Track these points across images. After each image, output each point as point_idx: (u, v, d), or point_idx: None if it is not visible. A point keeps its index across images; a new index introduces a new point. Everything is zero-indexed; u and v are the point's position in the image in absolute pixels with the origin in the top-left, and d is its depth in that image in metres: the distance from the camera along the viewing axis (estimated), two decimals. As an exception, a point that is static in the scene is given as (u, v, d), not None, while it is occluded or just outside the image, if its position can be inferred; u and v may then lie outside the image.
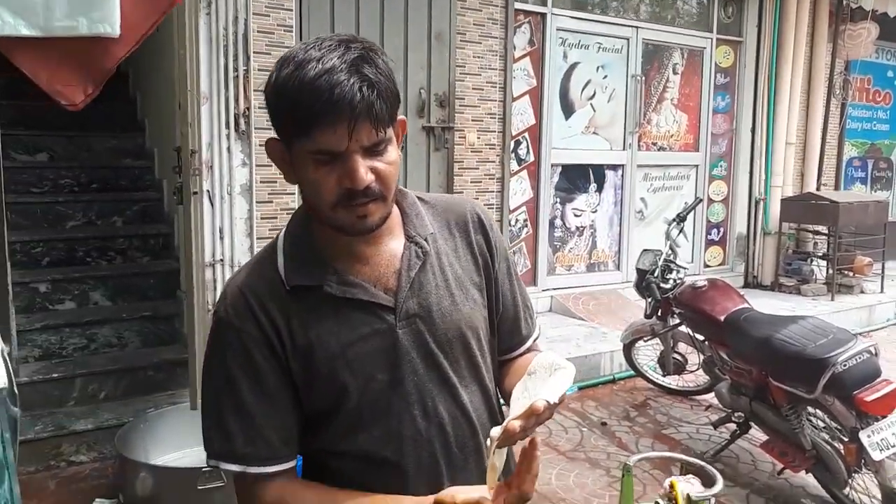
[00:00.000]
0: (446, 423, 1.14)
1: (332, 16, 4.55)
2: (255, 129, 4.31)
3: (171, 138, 4.02)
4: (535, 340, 1.34)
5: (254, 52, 4.28)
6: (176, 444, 3.39)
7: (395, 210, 1.16)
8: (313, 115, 0.98)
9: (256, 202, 4.34)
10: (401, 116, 1.09)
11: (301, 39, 4.41)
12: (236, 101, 4.25)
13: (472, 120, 5.24)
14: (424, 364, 1.13)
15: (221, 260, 4.25)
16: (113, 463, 3.35)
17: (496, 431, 0.98)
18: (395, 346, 1.11)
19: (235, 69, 4.22)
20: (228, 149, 4.25)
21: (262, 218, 4.37)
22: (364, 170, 1.01)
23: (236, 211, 4.29)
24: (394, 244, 1.16)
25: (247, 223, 4.34)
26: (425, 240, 1.17)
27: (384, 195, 1.06)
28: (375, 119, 1.00)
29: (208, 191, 4.18)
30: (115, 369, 3.88)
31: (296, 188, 4.42)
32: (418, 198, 1.23)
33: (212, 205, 4.21)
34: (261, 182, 4.35)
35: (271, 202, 4.40)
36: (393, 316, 1.11)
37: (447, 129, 5.03)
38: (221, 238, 4.25)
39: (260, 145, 4.33)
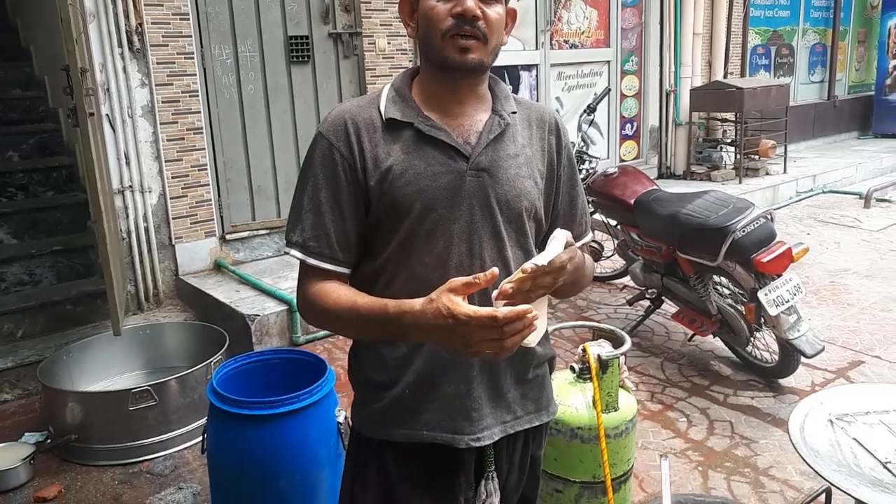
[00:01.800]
0: (487, 267, 1.22)
1: (221, -80, 4.28)
2: (151, 46, 4.09)
3: (60, 62, 3.78)
4: (584, 243, 1.48)
5: (140, -36, 4.02)
6: (102, 372, 3.37)
7: (488, 90, 1.35)
8: None
9: (160, 123, 4.17)
10: (511, 6, 1.31)
11: (189, -53, 4.16)
12: (126, 16, 4.00)
13: (381, 24, 5.10)
14: (481, 212, 1.28)
15: (130, 186, 4.11)
16: (39, 397, 3.31)
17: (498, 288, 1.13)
18: (460, 188, 1.26)
19: (122, -18, 3.97)
20: (124, 69, 4.04)
21: (168, 140, 4.21)
22: (474, 1, 1.21)
23: (140, 134, 4.12)
24: (481, 114, 1.32)
25: (153, 146, 4.18)
26: (509, 116, 1.33)
27: (486, 38, 1.23)
28: None
29: (107, 115, 4.00)
30: (30, 306, 3.77)
31: (200, 108, 4.28)
32: (511, 93, 1.40)
33: (113, 130, 4.03)
34: (163, 102, 4.17)
35: (176, 122, 4.22)
36: (465, 163, 1.27)
37: (355, 35, 4.89)
38: (128, 163, 4.09)
39: (158, 63, 4.13)
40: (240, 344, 3.60)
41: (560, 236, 1.20)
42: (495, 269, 1.10)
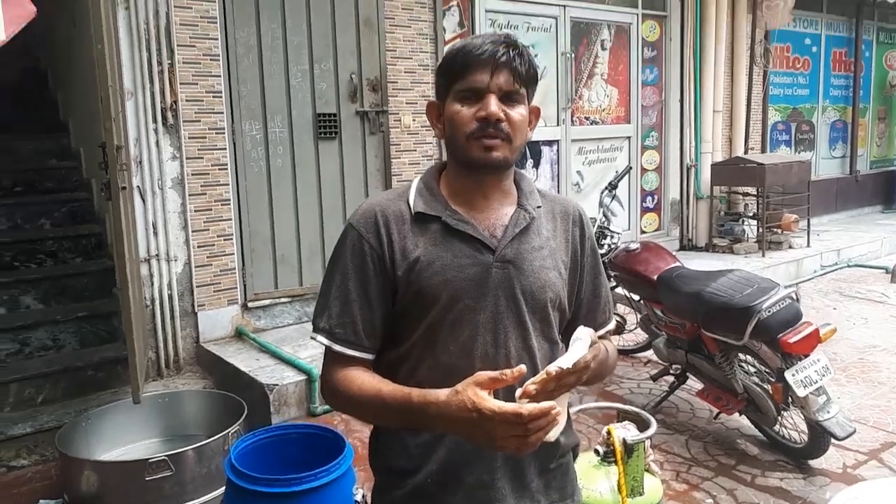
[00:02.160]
0: (512, 357, 1.29)
1: (257, 5, 4.49)
2: (184, 121, 4.25)
3: (96, 136, 3.93)
4: (607, 331, 1.51)
5: (178, 46, 4.21)
6: (120, 439, 3.34)
7: (513, 185, 1.40)
8: (467, 63, 1.27)
9: (189, 195, 4.29)
10: (534, 104, 1.37)
11: (226, 31, 4.36)
12: (162, 94, 4.18)
13: (407, 103, 5.26)
14: (506, 303, 1.31)
15: (157, 255, 4.19)
16: (55, 464, 3.29)
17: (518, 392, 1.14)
18: (486, 279, 1.30)
19: (160, 63, 4.15)
20: (157, 143, 4.18)
21: (195, 210, 4.32)
22: (497, 106, 1.26)
23: (169, 205, 4.23)
24: (507, 207, 1.37)
25: (181, 216, 4.29)
26: (534, 210, 1.38)
27: (510, 138, 1.28)
28: (513, 70, 1.27)
29: (138, 186, 4.12)
30: (52, 371, 3.79)
31: (229, 181, 4.40)
32: (536, 186, 1.47)
33: (143, 200, 4.15)
34: (192, 175, 4.30)
35: (204, 194, 4.34)
36: (492, 255, 1.31)
37: (381, 113, 5.04)
38: (155, 233, 4.19)
39: (190, 138, 4.27)
40: (258, 413, 3.58)
41: (584, 336, 1.22)
42: (523, 367, 1.14)
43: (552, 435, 1.15)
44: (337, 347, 1.31)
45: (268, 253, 4.66)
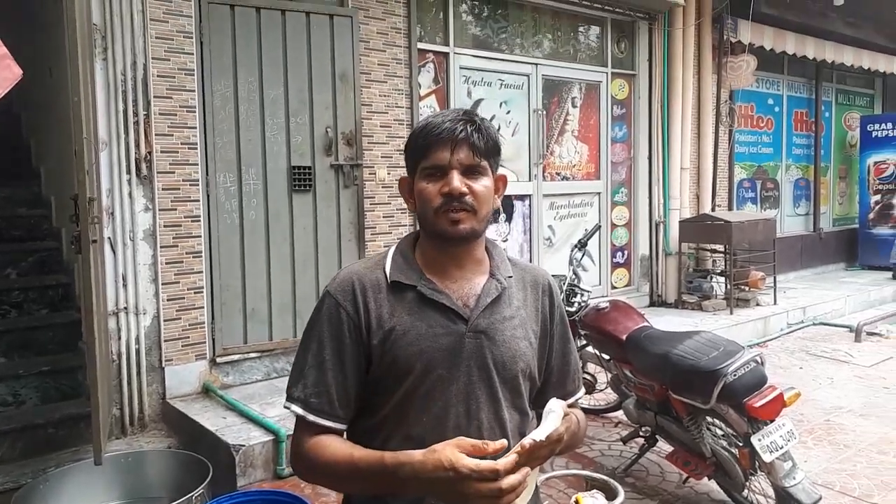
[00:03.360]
0: (484, 429, 1.32)
1: (235, 59, 4.56)
2: (158, 173, 4.24)
3: (68, 186, 3.90)
4: (577, 399, 1.54)
5: (154, 97, 4.24)
6: (80, 502, 3.24)
7: (485, 254, 1.44)
8: (429, 143, 1.34)
9: (161, 247, 4.26)
10: (501, 172, 1.44)
11: (203, 83, 4.41)
12: (137, 145, 4.18)
13: (382, 157, 5.32)
14: (478, 373, 1.34)
15: (125, 308, 4.13)
16: (11, 530, 3.17)
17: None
18: (460, 349, 1.33)
19: (136, 114, 4.17)
20: (130, 194, 4.17)
21: (166, 263, 4.28)
22: (459, 181, 1.32)
23: (140, 257, 4.20)
24: (479, 277, 1.41)
25: (151, 269, 4.25)
26: (505, 280, 1.42)
27: (475, 209, 1.34)
28: (472, 146, 1.33)
29: (109, 238, 4.08)
30: (10, 429, 3.68)
31: (201, 232, 4.38)
32: (507, 255, 1.52)
33: (114, 252, 4.11)
34: (165, 226, 4.27)
35: (176, 246, 4.31)
36: (465, 325, 1.34)
37: (356, 167, 5.09)
38: (125, 285, 4.14)
39: (163, 189, 4.26)
40: (224, 474, 3.50)
41: (557, 409, 1.25)
42: (504, 442, 1.17)
43: (520, 501, 1.18)
44: (311, 417, 1.31)
45: (238, 307, 4.62)
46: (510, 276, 1.43)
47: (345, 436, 1.38)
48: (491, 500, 1.12)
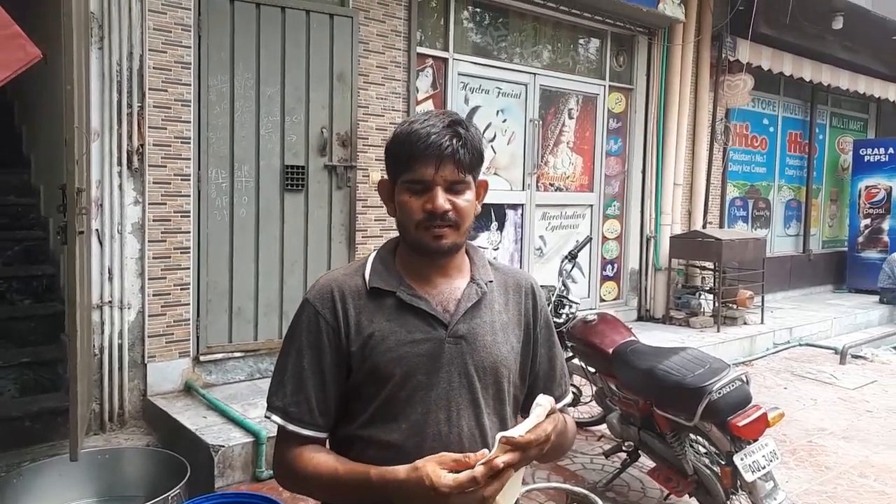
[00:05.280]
0: (465, 436, 1.31)
1: (232, 54, 4.53)
2: (150, 166, 4.21)
3: (57, 175, 3.86)
4: (564, 405, 1.51)
5: (150, 89, 4.20)
6: (53, 498, 3.18)
7: (466, 258, 1.42)
8: (413, 155, 1.29)
9: (149, 241, 4.22)
10: (482, 178, 1.40)
11: (199, 77, 4.38)
12: (129, 137, 4.14)
13: (377, 159, 5.30)
14: (459, 380, 1.32)
15: (110, 302, 4.09)
16: (-19, 522, 3.12)
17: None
18: (439, 355, 1.32)
19: (130, 105, 4.13)
20: (120, 186, 4.13)
21: (154, 257, 4.24)
22: (443, 199, 1.29)
23: (127, 250, 4.16)
24: (460, 281, 1.39)
25: (138, 262, 4.21)
26: (486, 284, 1.40)
27: (458, 224, 1.32)
28: (457, 162, 1.29)
29: (97, 230, 4.04)
30: (-14, 421, 3.64)
31: (190, 228, 4.34)
32: (488, 259, 1.49)
33: (101, 244, 4.07)
34: (154, 221, 4.24)
35: (164, 241, 4.27)
36: (444, 331, 1.32)
37: (349, 168, 5.07)
38: (110, 279, 4.10)
39: (154, 183, 4.22)
40: (202, 474, 3.46)
41: (544, 403, 1.23)
42: (484, 451, 1.16)
43: (506, 502, 1.18)
44: (291, 427, 1.31)
45: (224, 305, 4.58)
46: (491, 281, 1.42)
47: (327, 444, 1.37)
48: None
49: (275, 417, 1.33)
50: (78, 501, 3.26)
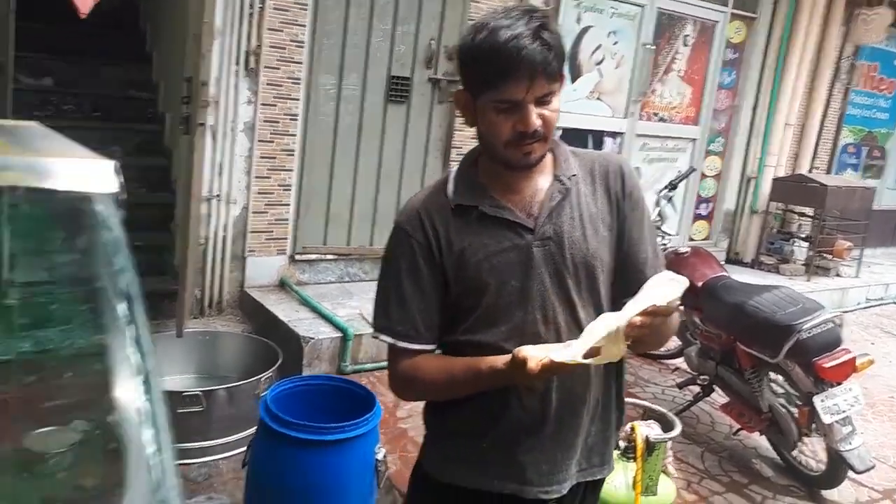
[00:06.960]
0: (563, 332, 1.35)
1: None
2: (264, 67, 4.33)
3: (178, 71, 4.05)
4: None
5: (271, -9, 4.27)
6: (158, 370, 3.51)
7: (549, 154, 1.40)
8: (502, 72, 1.24)
9: (258, 141, 4.41)
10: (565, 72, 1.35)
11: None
12: (248, 38, 4.26)
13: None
14: (551, 279, 1.36)
15: (218, 195, 4.33)
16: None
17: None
18: (529, 259, 1.35)
19: (251, 6, 4.23)
20: (236, 86, 4.28)
21: (261, 157, 4.44)
22: (534, 116, 1.27)
23: (237, 148, 4.37)
24: (542, 181, 1.39)
25: (247, 161, 4.42)
26: (569, 179, 1.39)
27: (546, 136, 1.31)
28: (548, 74, 1.25)
29: (211, 126, 4.25)
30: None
31: (297, 132, 4.50)
32: (570, 150, 1.46)
33: (213, 140, 4.28)
34: (264, 121, 4.41)
35: (272, 142, 4.46)
36: (531, 235, 1.35)
37: (453, 83, 5.06)
38: (220, 174, 4.33)
39: (267, 84, 4.37)
40: (291, 362, 3.69)
41: (681, 280, 1.25)
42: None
43: (614, 355, 1.21)
44: (401, 344, 1.38)
45: (322, 209, 4.78)
46: (574, 175, 1.39)
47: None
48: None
49: (383, 337, 1.39)
50: (178, 375, 3.56)
